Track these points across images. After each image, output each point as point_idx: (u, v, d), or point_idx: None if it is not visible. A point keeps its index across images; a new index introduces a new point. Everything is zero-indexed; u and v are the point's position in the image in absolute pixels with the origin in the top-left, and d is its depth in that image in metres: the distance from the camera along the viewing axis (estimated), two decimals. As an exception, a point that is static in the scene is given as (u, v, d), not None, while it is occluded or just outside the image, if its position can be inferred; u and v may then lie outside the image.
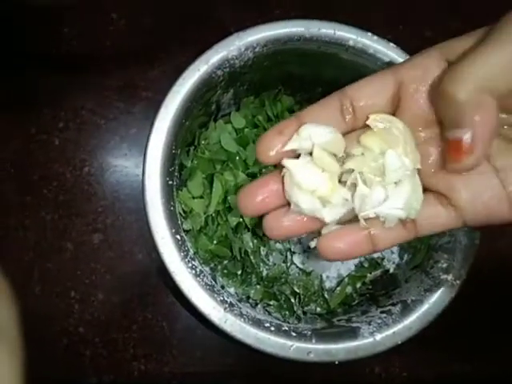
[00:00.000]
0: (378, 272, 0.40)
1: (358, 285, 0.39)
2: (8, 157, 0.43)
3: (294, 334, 0.32)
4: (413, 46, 0.37)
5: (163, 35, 0.47)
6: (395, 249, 0.40)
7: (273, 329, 0.31)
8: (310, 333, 0.32)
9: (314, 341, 0.31)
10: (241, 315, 0.31)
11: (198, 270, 0.32)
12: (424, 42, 0.23)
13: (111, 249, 0.42)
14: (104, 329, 0.41)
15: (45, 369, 0.38)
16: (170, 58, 0.46)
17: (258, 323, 0.31)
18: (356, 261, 0.39)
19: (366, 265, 0.39)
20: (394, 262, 0.40)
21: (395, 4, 0.51)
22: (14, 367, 0.17)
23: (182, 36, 0.47)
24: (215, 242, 0.38)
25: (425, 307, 0.33)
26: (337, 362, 0.31)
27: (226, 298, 0.32)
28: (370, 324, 0.33)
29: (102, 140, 0.45)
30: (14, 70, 0.45)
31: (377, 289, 0.39)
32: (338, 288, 0.38)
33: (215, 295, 0.31)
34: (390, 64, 0.36)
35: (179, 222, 0.34)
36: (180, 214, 0.36)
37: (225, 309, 0.31)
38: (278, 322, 0.33)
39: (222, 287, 0.37)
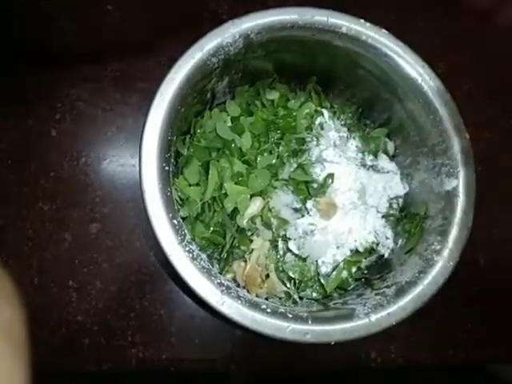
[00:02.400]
0: (373, 257, 0.40)
1: (354, 269, 0.39)
2: (5, 148, 0.43)
3: (290, 316, 0.32)
4: (406, 32, 0.38)
5: (159, 26, 0.47)
6: (390, 234, 0.40)
7: (269, 311, 0.32)
8: (306, 314, 0.32)
9: (310, 322, 0.32)
10: (238, 297, 0.32)
11: (195, 253, 0.32)
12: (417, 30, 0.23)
13: (108, 238, 0.43)
14: (102, 317, 0.41)
15: (44, 358, 0.38)
16: (166, 48, 0.46)
17: (254, 305, 0.32)
18: (352, 246, 0.39)
19: (361, 250, 0.39)
20: (388, 248, 0.40)
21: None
22: (18, 368, 0.17)
23: (177, 27, 0.47)
24: (212, 228, 0.38)
25: (419, 288, 0.34)
26: (333, 343, 0.32)
27: (222, 281, 0.32)
28: (365, 305, 0.33)
29: (99, 131, 0.45)
30: (11, 63, 0.45)
31: (372, 273, 0.39)
32: (334, 273, 0.39)
33: (212, 278, 0.32)
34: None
35: (176, 208, 0.34)
36: (177, 201, 0.36)
37: (222, 291, 0.31)
38: (275, 304, 0.33)
39: (220, 273, 0.37)
